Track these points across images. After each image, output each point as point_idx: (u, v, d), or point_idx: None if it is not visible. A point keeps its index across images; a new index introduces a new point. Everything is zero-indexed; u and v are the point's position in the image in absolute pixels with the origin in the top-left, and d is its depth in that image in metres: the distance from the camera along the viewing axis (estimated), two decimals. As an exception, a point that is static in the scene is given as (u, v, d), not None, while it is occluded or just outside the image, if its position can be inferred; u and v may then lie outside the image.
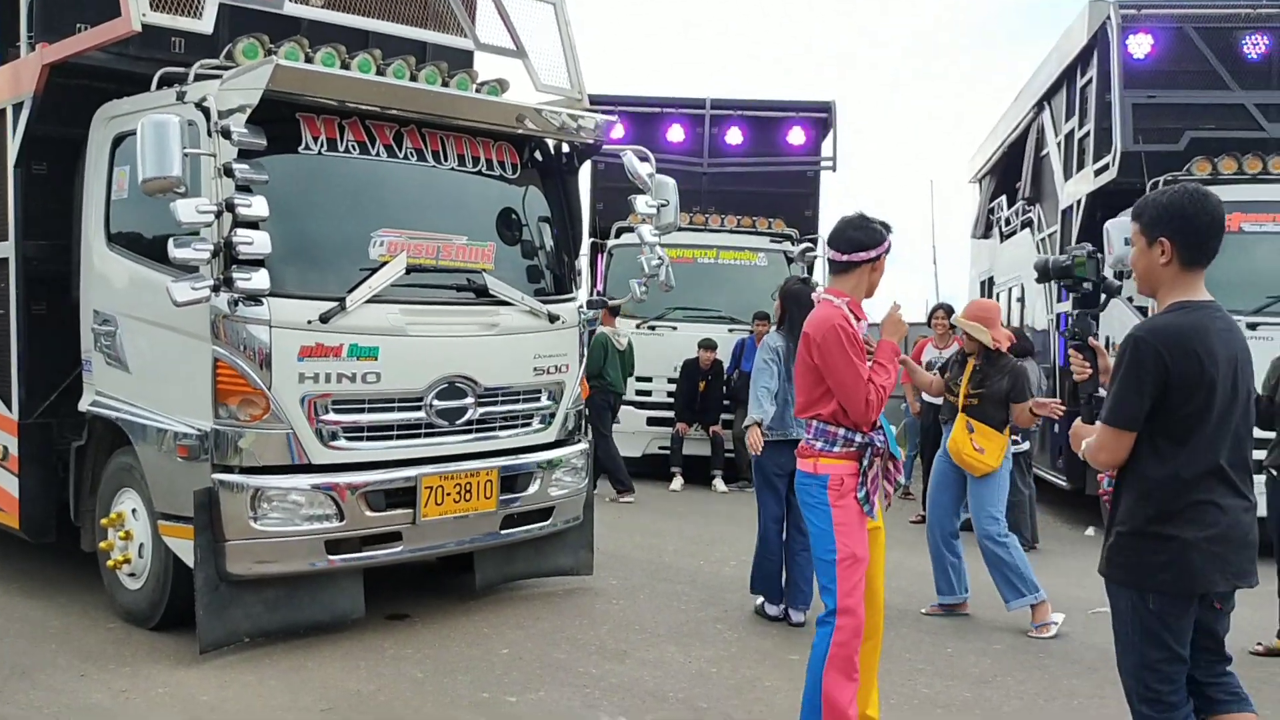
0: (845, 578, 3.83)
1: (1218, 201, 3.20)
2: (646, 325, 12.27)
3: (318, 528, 5.32)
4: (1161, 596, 3.09)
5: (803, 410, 4.05)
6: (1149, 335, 3.06)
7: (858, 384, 3.84)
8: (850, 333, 3.87)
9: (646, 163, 6.50)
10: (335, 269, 5.59)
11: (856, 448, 3.91)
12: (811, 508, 3.95)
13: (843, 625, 3.82)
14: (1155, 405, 3.01)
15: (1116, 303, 9.82)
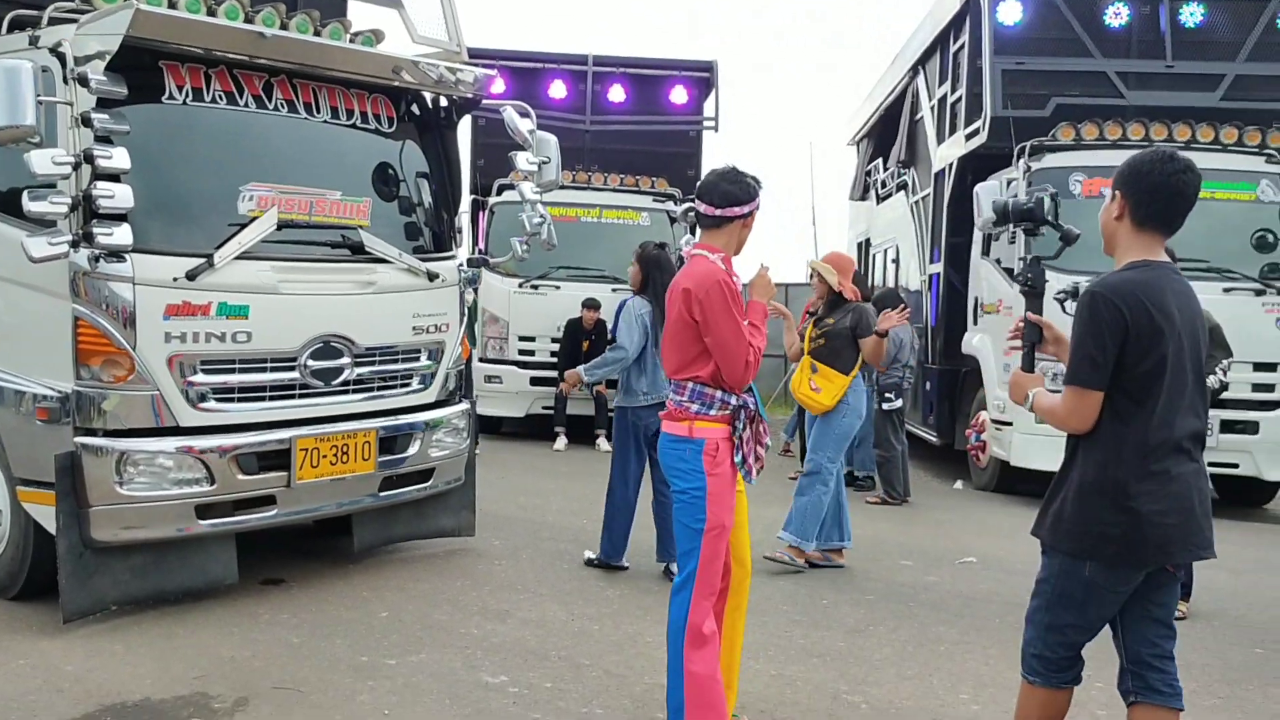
0: (709, 546, 3.67)
1: (1184, 168, 3.13)
2: (529, 284, 12.20)
3: (187, 492, 5.15)
4: (1100, 566, 3.04)
5: (677, 371, 3.79)
6: (1105, 290, 2.99)
7: (739, 343, 3.66)
8: (733, 289, 3.70)
9: (527, 119, 6.42)
10: (203, 224, 5.38)
11: (731, 411, 3.72)
12: (683, 474, 3.71)
13: (699, 590, 3.66)
14: (1115, 363, 2.96)
15: (985, 263, 10.20)
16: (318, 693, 4.29)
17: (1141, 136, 9.25)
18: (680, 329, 3.76)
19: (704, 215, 3.89)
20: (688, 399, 3.74)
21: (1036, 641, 3.24)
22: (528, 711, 4.14)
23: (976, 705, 4.37)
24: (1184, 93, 9.81)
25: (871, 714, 4.23)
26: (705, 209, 3.87)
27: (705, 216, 3.89)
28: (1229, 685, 4.73)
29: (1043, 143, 9.36)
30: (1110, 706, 4.41)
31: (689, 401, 3.74)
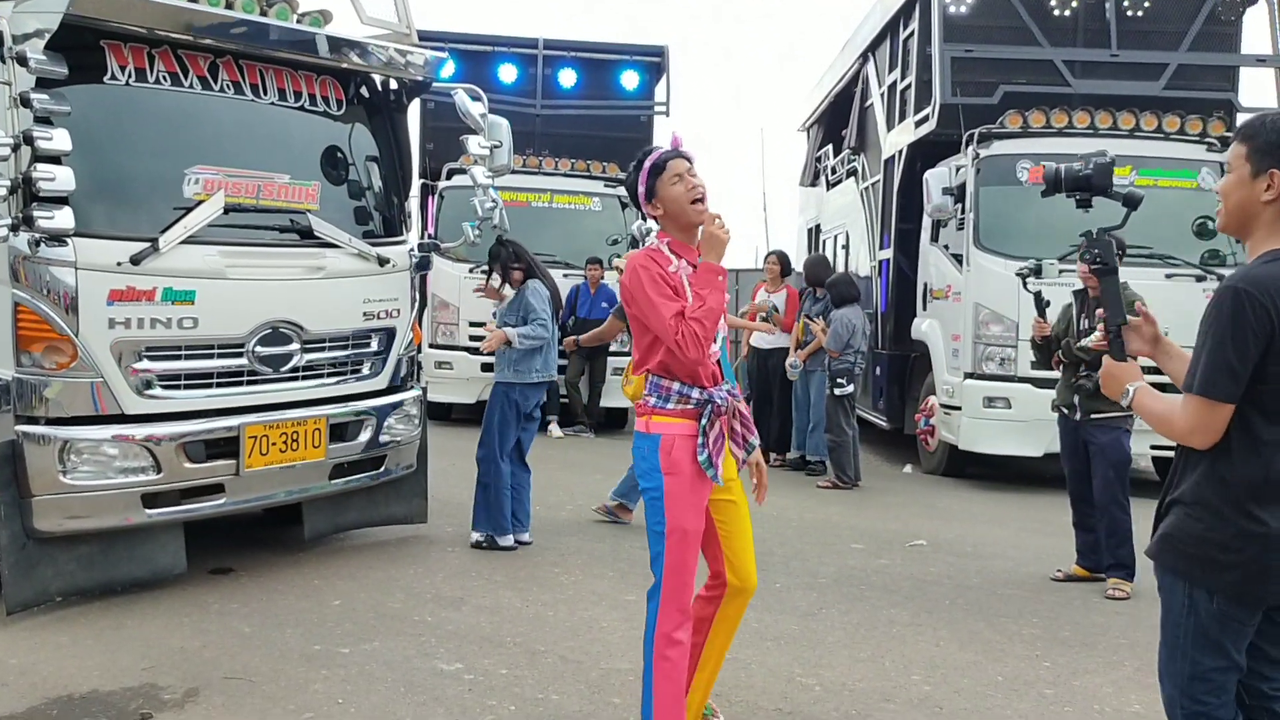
0: (674, 551, 3.37)
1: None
2: (480, 270, 12.08)
3: (133, 480, 5.07)
4: (1226, 597, 2.55)
5: (638, 366, 3.56)
6: (1252, 287, 2.47)
7: (663, 326, 3.30)
8: (654, 272, 3.37)
9: (479, 102, 6.36)
10: (147, 208, 5.28)
11: (694, 405, 3.40)
12: (644, 473, 3.45)
13: (667, 602, 3.39)
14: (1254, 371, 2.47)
15: (934, 249, 10.30)
16: (269, 683, 4.24)
17: (1087, 124, 9.39)
18: (634, 325, 3.54)
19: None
20: (647, 391, 3.49)
21: (1183, 700, 2.65)
22: (483, 699, 4.13)
23: (928, 686, 4.43)
24: (1128, 81, 9.96)
25: (825, 695, 4.27)
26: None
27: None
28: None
29: (991, 130, 9.46)
30: (1058, 685, 4.50)
31: (648, 394, 3.48)
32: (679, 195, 3.44)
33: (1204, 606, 2.58)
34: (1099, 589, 6.04)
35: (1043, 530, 7.71)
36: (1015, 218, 9.42)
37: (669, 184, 3.45)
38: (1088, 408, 6.00)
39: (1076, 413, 6.07)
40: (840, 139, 14.41)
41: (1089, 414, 6.00)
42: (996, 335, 9.11)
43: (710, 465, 3.39)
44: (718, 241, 3.41)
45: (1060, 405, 6.24)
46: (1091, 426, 6.02)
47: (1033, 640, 5.10)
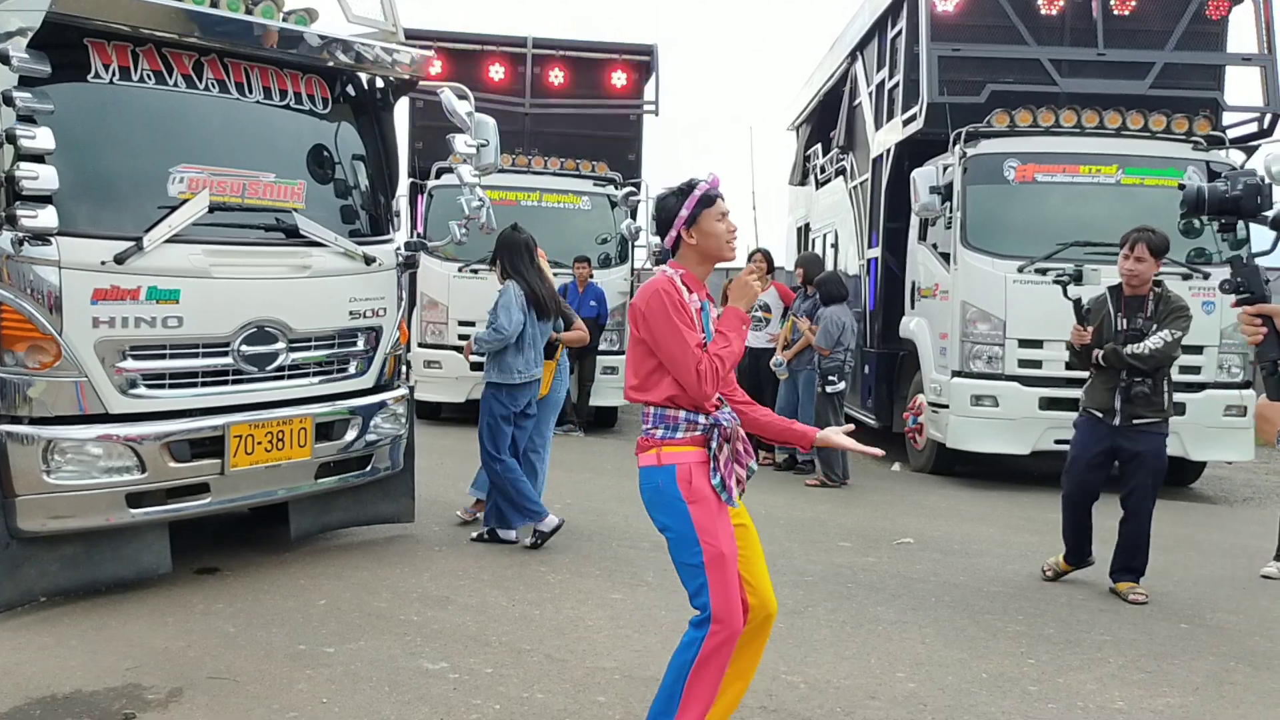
0: (717, 579, 3.30)
1: None
2: (469, 269, 12.09)
3: (117, 480, 5.05)
4: None
5: (636, 392, 3.47)
6: None
7: (685, 353, 3.30)
8: (675, 299, 3.35)
9: (465, 101, 6.35)
10: (131, 207, 5.26)
11: (701, 431, 3.38)
12: (664, 508, 3.37)
13: (716, 631, 3.30)
14: None
15: (921, 248, 10.32)
16: (254, 682, 4.23)
17: (1074, 123, 9.41)
18: (634, 348, 3.48)
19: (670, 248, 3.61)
20: (652, 424, 3.43)
21: None
22: (468, 697, 4.12)
23: (913, 684, 4.43)
24: (1115, 80, 9.98)
25: (810, 693, 4.27)
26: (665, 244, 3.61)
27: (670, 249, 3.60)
28: (1155, 659, 4.85)
29: (978, 129, 9.48)
30: (1041, 682, 4.51)
31: (653, 427, 3.42)
32: (722, 232, 3.46)
33: None
34: (1084, 587, 6.07)
35: (1029, 528, 7.73)
36: (1003, 216, 9.44)
37: (714, 218, 3.46)
38: (1130, 412, 5.75)
39: (1115, 417, 5.78)
40: (829, 138, 14.42)
41: (1131, 419, 5.76)
42: (984, 334, 9.13)
43: (724, 489, 3.37)
44: (751, 292, 3.54)
45: (1093, 408, 5.91)
46: (1133, 432, 5.76)
47: (1017, 637, 5.11)
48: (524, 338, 6.52)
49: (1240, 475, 10.72)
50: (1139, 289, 5.83)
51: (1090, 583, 6.17)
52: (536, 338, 6.62)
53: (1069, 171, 9.34)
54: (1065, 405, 8.92)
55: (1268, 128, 9.81)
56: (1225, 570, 6.65)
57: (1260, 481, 10.46)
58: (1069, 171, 9.34)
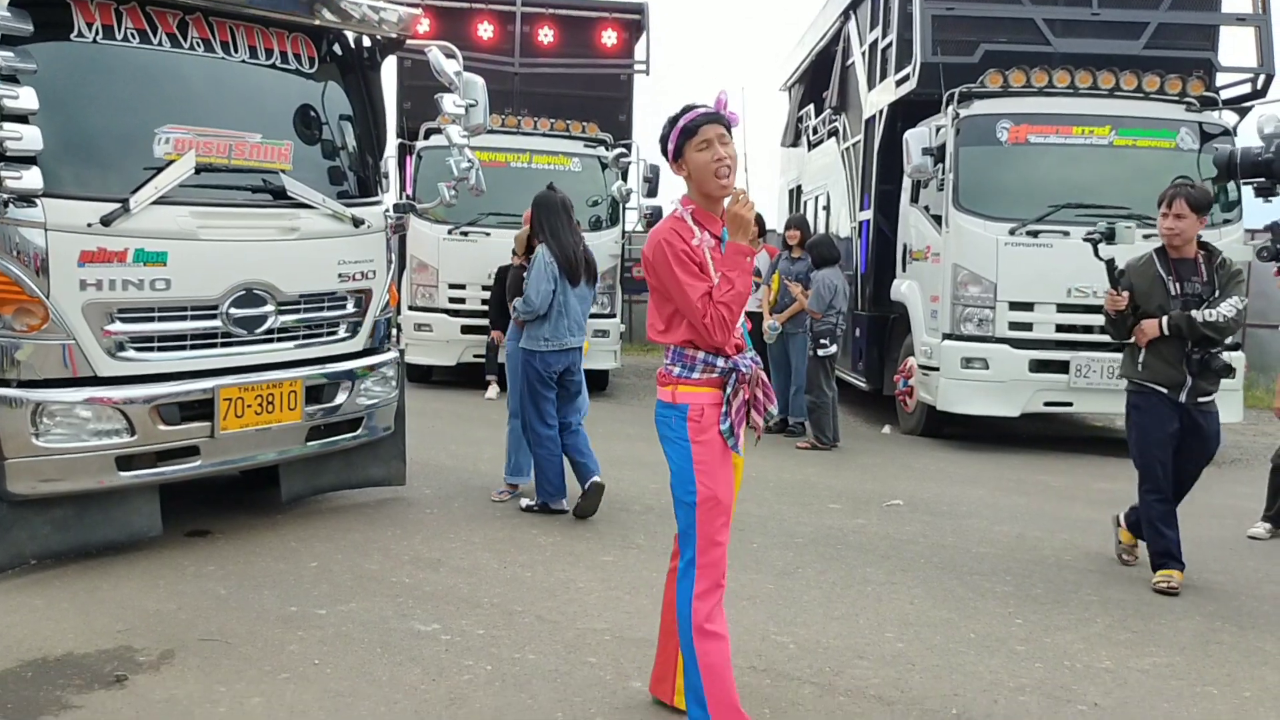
0: (706, 521, 3.32)
1: None
2: (459, 231, 12.03)
3: (107, 443, 5.04)
4: None
5: (658, 335, 3.45)
6: None
7: (690, 306, 3.26)
8: (678, 248, 3.28)
9: (453, 60, 6.27)
10: (117, 168, 5.21)
11: (719, 374, 3.35)
12: (671, 441, 3.39)
13: (703, 576, 3.32)
14: None
15: (913, 210, 10.29)
16: (246, 644, 4.24)
17: (1067, 84, 9.36)
18: (653, 294, 3.44)
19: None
20: (670, 362, 3.42)
21: None
22: (460, 658, 4.14)
23: (901, 643, 4.47)
24: (1108, 40, 9.93)
25: (799, 654, 4.30)
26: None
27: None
28: (1142, 619, 4.89)
29: (971, 89, 9.42)
30: (1029, 641, 4.55)
31: (672, 364, 3.41)
32: (704, 163, 3.31)
33: None
34: (1073, 548, 6.11)
35: (1018, 490, 7.77)
36: (995, 178, 9.41)
37: (696, 149, 3.31)
38: (1199, 388, 5.31)
39: (1182, 392, 5.30)
40: (822, 99, 14.34)
41: (1197, 396, 5.32)
42: (975, 296, 9.12)
43: (731, 434, 3.35)
44: (743, 221, 3.28)
45: (1156, 383, 5.35)
46: (1198, 410, 5.33)
47: (1005, 598, 5.15)
48: (552, 306, 6.28)
49: (1229, 437, 10.74)
50: (1183, 250, 5.34)
51: (1078, 544, 6.21)
52: (569, 305, 6.33)
53: (1062, 133, 9.30)
54: (1055, 368, 8.98)
55: (1261, 88, 9.78)
56: (1213, 531, 6.70)
57: (1249, 443, 10.52)
58: (1062, 133, 9.30)
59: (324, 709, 3.67)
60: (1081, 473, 8.54)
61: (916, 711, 3.80)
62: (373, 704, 3.71)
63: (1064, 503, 7.40)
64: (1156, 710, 3.88)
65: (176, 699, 3.72)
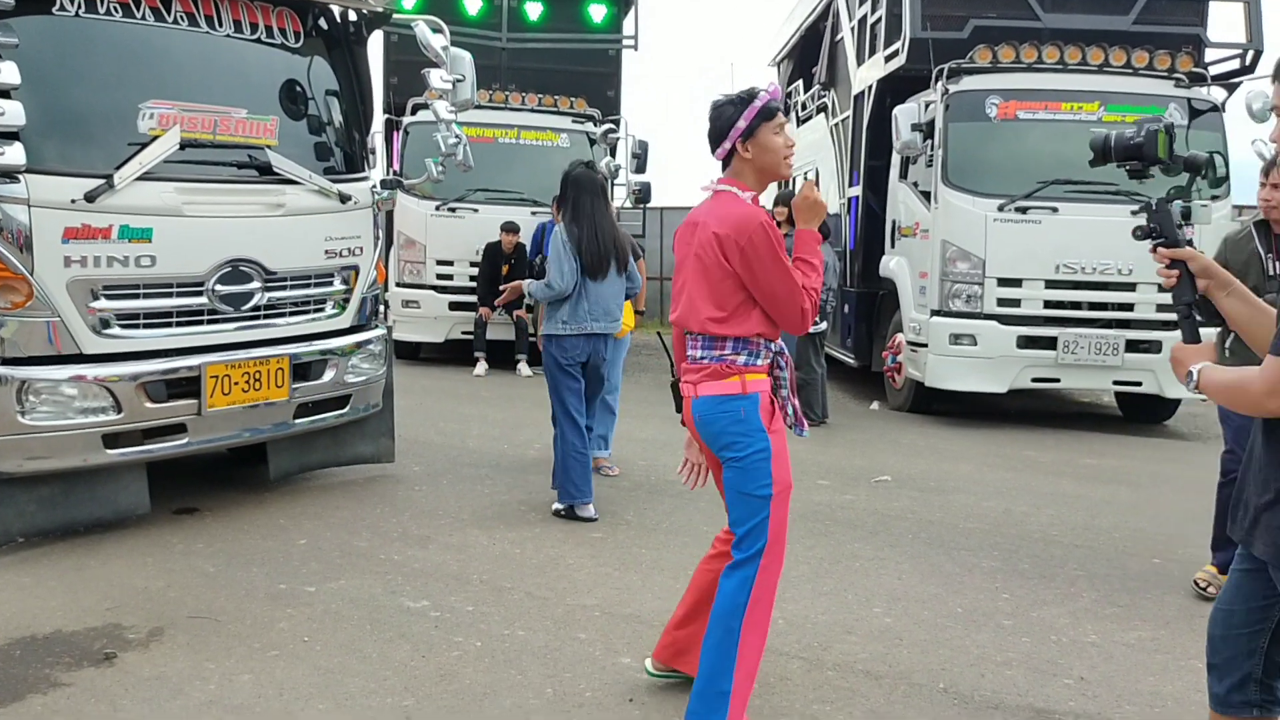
0: (779, 511, 3.27)
1: None
2: (446, 207, 11.98)
3: (93, 421, 5.02)
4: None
5: (717, 325, 3.23)
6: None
7: (793, 293, 3.16)
8: (778, 235, 3.17)
9: (440, 35, 6.22)
10: (101, 144, 5.17)
11: (772, 358, 3.31)
12: (742, 437, 3.22)
13: (768, 565, 3.25)
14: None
15: (902, 186, 10.27)
16: (235, 621, 4.24)
17: (1056, 59, 9.33)
18: (716, 278, 3.21)
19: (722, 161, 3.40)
20: (731, 351, 3.24)
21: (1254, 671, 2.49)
22: (449, 635, 4.15)
23: (889, 619, 4.49)
24: (1098, 15, 9.91)
25: (787, 628, 4.32)
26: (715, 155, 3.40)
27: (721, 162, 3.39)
28: (1128, 594, 4.93)
29: (960, 65, 9.39)
30: (1015, 616, 4.58)
31: (733, 354, 3.23)
32: (778, 147, 3.26)
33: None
34: (1059, 523, 6.15)
35: (1005, 465, 7.81)
36: (984, 154, 9.40)
37: (772, 132, 3.25)
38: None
39: None
40: (811, 74, 14.28)
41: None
42: (963, 272, 9.12)
43: (795, 417, 3.38)
44: (819, 209, 3.33)
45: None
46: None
47: (992, 573, 5.18)
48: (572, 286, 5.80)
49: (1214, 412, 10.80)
50: None
51: (1065, 519, 6.24)
52: (588, 287, 5.80)
53: (1051, 109, 9.29)
54: (1043, 344, 9.00)
55: (1249, 64, 9.76)
56: (1197, 506, 6.72)
57: (1233, 419, 10.57)
58: (1051, 109, 9.29)
59: (313, 686, 3.67)
60: (1068, 448, 8.58)
61: (904, 685, 3.82)
62: (362, 680, 3.72)
63: (1051, 478, 7.44)
64: (1141, 684, 3.92)
65: (166, 676, 3.72)
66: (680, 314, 3.34)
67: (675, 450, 7.39)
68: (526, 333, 11.80)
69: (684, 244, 3.35)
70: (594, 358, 5.95)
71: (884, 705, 3.66)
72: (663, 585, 4.81)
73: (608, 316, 5.91)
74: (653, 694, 3.68)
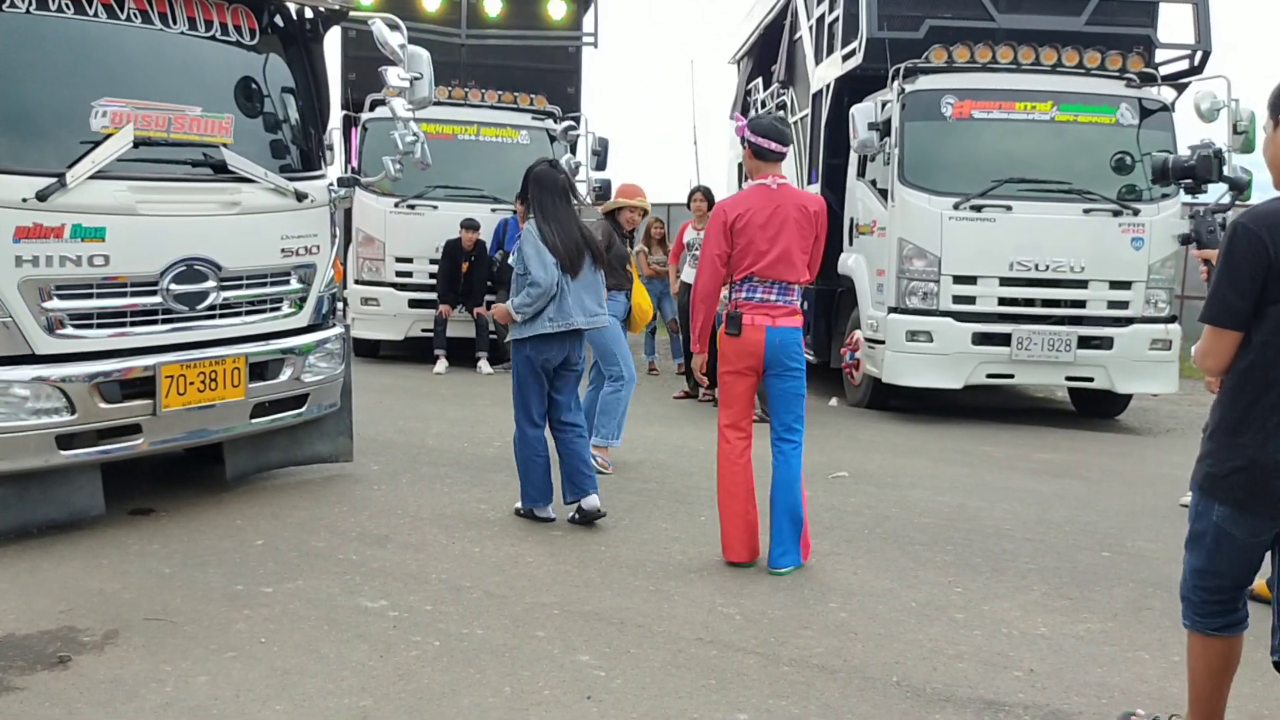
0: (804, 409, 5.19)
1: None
2: (405, 204, 11.93)
3: (46, 422, 4.96)
4: (1227, 511, 2.91)
5: (800, 278, 5.01)
6: (1247, 219, 2.78)
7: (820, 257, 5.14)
8: None
9: (398, 32, 6.19)
10: (53, 142, 5.12)
11: None
12: (801, 357, 5.08)
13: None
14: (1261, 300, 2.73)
15: (860, 184, 10.37)
16: (191, 623, 4.22)
17: (1010, 59, 9.43)
18: (808, 241, 5.02)
19: (773, 152, 4.97)
20: (797, 298, 5.05)
21: (1183, 583, 3.13)
22: (408, 634, 4.16)
23: (844, 613, 4.55)
24: (1051, 16, 10.03)
25: (744, 624, 4.37)
26: (776, 147, 4.97)
27: (774, 153, 4.97)
28: (1077, 587, 5.02)
29: (916, 65, 9.48)
30: (968, 610, 4.65)
31: (798, 300, 5.06)
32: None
33: (1208, 516, 2.98)
34: (1011, 518, 6.24)
35: (960, 460, 7.91)
36: (940, 153, 9.50)
37: None
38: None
39: None
40: (770, 72, 14.34)
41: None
42: (920, 270, 9.22)
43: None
44: None
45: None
46: None
47: (945, 567, 5.26)
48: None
49: (1165, 407, 11.03)
50: None
51: (1018, 514, 6.34)
52: (567, 285, 5.66)
53: (1005, 108, 9.41)
54: (997, 340, 9.12)
55: (1198, 65, 9.93)
56: (1147, 500, 6.88)
57: (1183, 413, 10.78)
58: (1005, 108, 9.41)
59: (270, 687, 3.67)
60: (1022, 443, 8.71)
61: (858, 680, 3.88)
62: (320, 681, 3.72)
63: (1004, 473, 7.55)
64: (1089, 675, 4.00)
65: (121, 679, 3.70)
66: (773, 269, 4.93)
67: (634, 448, 7.43)
68: (487, 330, 11.78)
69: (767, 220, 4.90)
70: (571, 356, 5.82)
71: (839, 699, 3.71)
72: (621, 582, 4.84)
73: (588, 312, 5.78)
74: (610, 691, 3.71)
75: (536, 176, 5.81)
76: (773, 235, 4.90)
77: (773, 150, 4.98)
